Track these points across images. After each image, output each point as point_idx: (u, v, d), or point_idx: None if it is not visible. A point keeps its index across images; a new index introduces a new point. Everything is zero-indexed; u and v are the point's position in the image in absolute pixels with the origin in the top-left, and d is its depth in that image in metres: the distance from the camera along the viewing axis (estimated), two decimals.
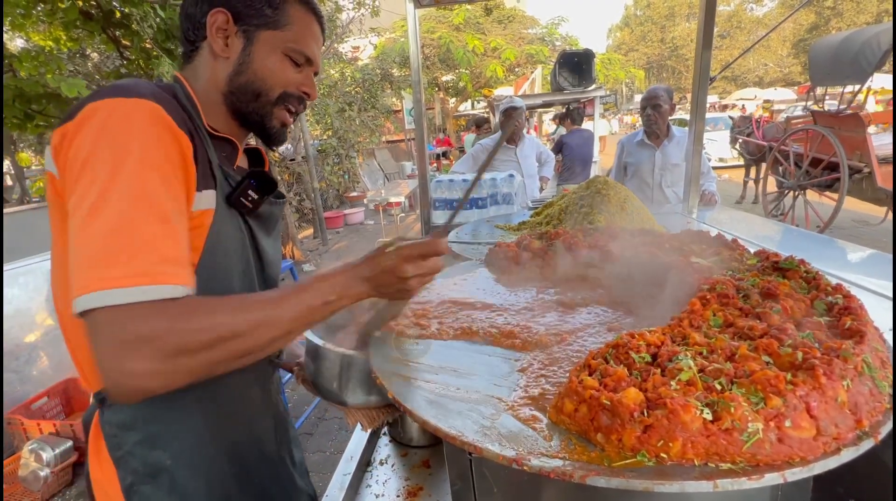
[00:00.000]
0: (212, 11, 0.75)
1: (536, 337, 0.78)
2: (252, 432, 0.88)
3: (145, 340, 0.54)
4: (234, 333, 0.59)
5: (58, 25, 4.32)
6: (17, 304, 3.23)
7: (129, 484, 0.74)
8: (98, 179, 0.58)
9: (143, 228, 0.57)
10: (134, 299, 0.54)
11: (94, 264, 0.55)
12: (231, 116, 0.81)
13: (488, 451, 0.51)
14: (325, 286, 0.66)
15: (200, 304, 0.60)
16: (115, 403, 0.56)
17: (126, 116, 0.62)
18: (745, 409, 0.46)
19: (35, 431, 2.77)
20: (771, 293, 0.68)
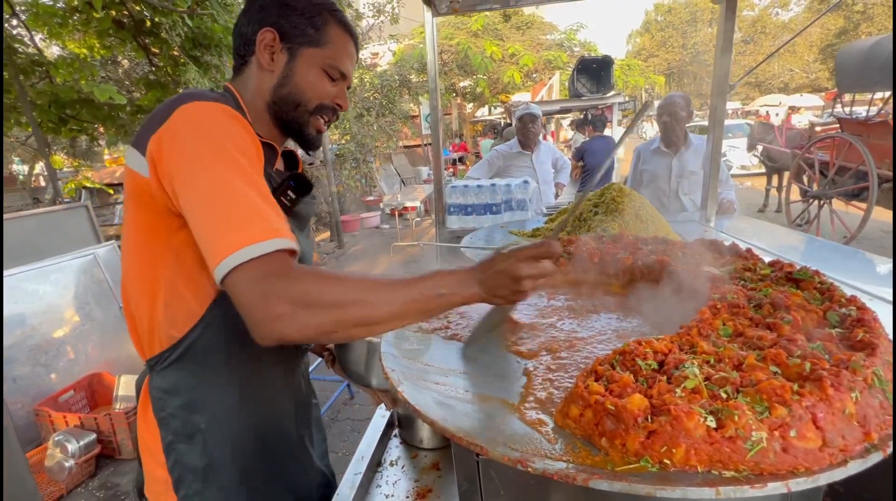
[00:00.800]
0: (262, 30, 0.84)
1: (545, 343, 0.79)
2: (275, 409, 0.96)
3: (287, 290, 0.62)
4: (359, 301, 0.65)
5: (92, 34, 4.51)
6: (48, 300, 3.37)
7: (169, 442, 0.85)
8: (205, 168, 0.68)
9: (251, 198, 0.67)
10: (268, 250, 0.63)
11: (228, 232, 0.64)
12: (273, 124, 0.90)
13: (494, 452, 0.52)
14: (438, 280, 0.70)
15: (331, 272, 0.68)
16: (262, 341, 0.64)
17: (212, 115, 0.72)
18: (750, 418, 0.46)
19: (61, 423, 2.87)
20: (782, 304, 0.67)
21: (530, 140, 3.49)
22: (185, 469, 0.85)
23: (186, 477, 0.85)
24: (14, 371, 3.02)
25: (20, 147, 10.59)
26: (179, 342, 0.82)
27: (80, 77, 4.31)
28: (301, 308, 0.63)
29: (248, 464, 0.90)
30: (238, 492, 0.89)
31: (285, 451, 0.99)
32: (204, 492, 0.86)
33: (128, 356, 3.77)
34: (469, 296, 0.71)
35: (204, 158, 0.68)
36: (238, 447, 0.88)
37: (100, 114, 4.52)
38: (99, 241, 4.10)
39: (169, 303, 0.80)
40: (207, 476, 0.86)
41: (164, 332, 0.82)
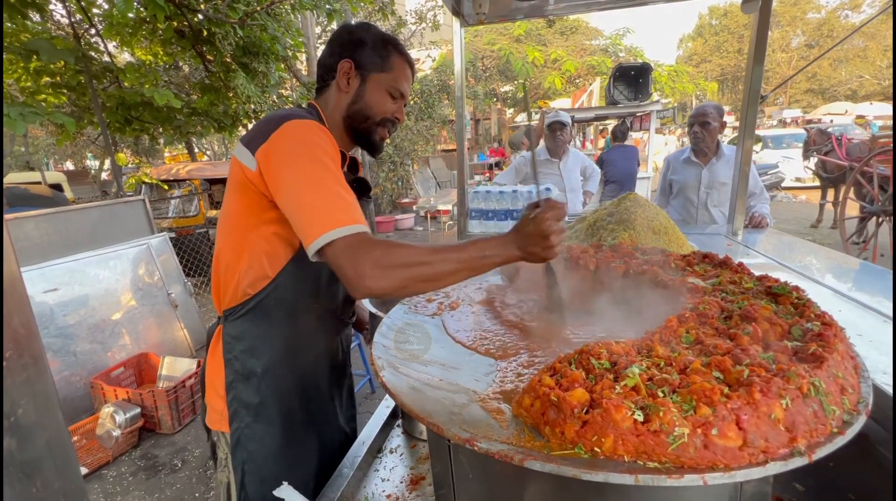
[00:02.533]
0: (342, 61, 1.06)
1: (520, 345, 0.84)
2: (315, 366, 1.17)
3: (371, 256, 0.80)
4: (424, 261, 0.82)
5: (157, 42, 4.93)
6: (106, 284, 3.71)
7: (231, 381, 1.06)
8: (304, 170, 0.87)
9: (340, 194, 0.86)
10: (353, 232, 0.82)
11: (325, 216, 0.83)
12: (346, 134, 1.12)
13: (448, 431, 0.58)
14: (483, 244, 0.85)
15: (400, 242, 0.85)
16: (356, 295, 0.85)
17: (309, 131, 0.92)
18: (675, 414, 0.50)
19: (112, 396, 3.16)
20: (749, 316, 0.69)
21: (558, 148, 3.49)
22: (241, 404, 1.06)
23: (241, 412, 1.06)
24: (75, 346, 3.36)
25: (92, 145, 11.61)
26: (252, 298, 1.03)
27: (144, 82, 4.73)
28: (381, 269, 0.80)
29: (290, 407, 1.11)
30: (279, 428, 1.09)
31: (318, 403, 1.19)
32: (254, 425, 1.06)
33: (172, 340, 4.09)
34: (508, 256, 0.85)
35: (303, 162, 0.88)
36: (283, 391, 1.09)
37: (159, 116, 4.92)
38: (153, 232, 4.47)
39: (251, 265, 1.01)
40: (258, 412, 1.06)
41: (241, 289, 1.03)
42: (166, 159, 15.01)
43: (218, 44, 4.22)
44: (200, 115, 5.17)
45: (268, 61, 4.47)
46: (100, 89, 4.77)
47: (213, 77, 4.83)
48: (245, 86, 4.13)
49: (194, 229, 5.87)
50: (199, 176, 6.61)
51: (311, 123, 0.93)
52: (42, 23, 4.74)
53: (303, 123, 0.93)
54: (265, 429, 1.08)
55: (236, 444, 1.07)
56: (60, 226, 3.87)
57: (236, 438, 1.07)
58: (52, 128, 6.90)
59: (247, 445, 1.07)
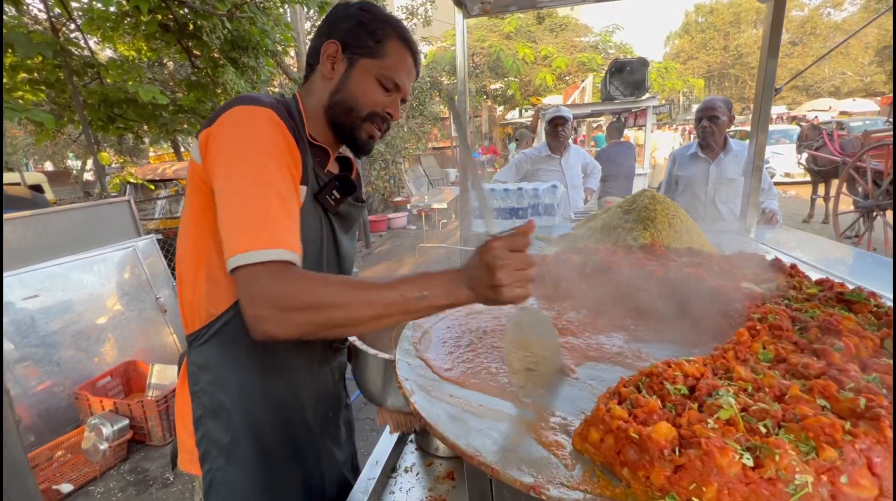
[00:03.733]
0: (327, 42, 0.91)
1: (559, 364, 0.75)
2: (297, 397, 0.99)
3: (270, 294, 0.68)
4: (336, 304, 0.69)
5: (140, 37, 4.74)
6: (91, 289, 3.54)
7: (199, 417, 0.91)
8: (235, 169, 0.74)
9: (268, 206, 0.72)
10: (265, 259, 0.69)
11: (239, 233, 0.71)
12: (328, 128, 0.96)
13: (506, 475, 0.49)
14: (424, 282, 0.71)
15: (316, 275, 0.73)
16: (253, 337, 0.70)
17: (254, 120, 0.78)
18: (793, 458, 0.41)
19: (98, 407, 3.01)
20: (832, 328, 0.61)
21: (560, 144, 3.41)
22: (211, 443, 0.91)
23: (212, 451, 0.91)
24: (58, 355, 3.20)
25: (73, 144, 11.27)
26: (216, 319, 0.88)
27: (128, 78, 4.54)
28: (281, 311, 0.68)
29: (267, 446, 0.94)
30: (257, 471, 0.93)
31: (305, 443, 1.01)
32: (226, 468, 0.92)
33: (162, 346, 3.93)
34: (456, 297, 0.70)
35: (238, 160, 0.74)
36: (259, 428, 0.93)
37: (144, 113, 4.74)
38: (139, 234, 4.29)
39: (210, 280, 0.86)
40: (231, 452, 0.91)
41: (203, 308, 0.88)
42: (151, 159, 14.65)
43: (205, 38, 4.06)
44: (187, 112, 4.99)
45: (257, 56, 4.32)
46: (80, 86, 4.57)
47: (200, 73, 4.66)
48: (235, 81, 3.98)
49: None
50: (186, 175, 6.41)
51: (261, 111, 0.78)
52: (18, 17, 4.53)
53: (251, 111, 0.78)
54: (239, 473, 0.92)
55: (209, 488, 0.92)
56: (41, 229, 3.68)
57: (208, 481, 0.92)
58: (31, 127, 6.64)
59: (220, 489, 0.92)
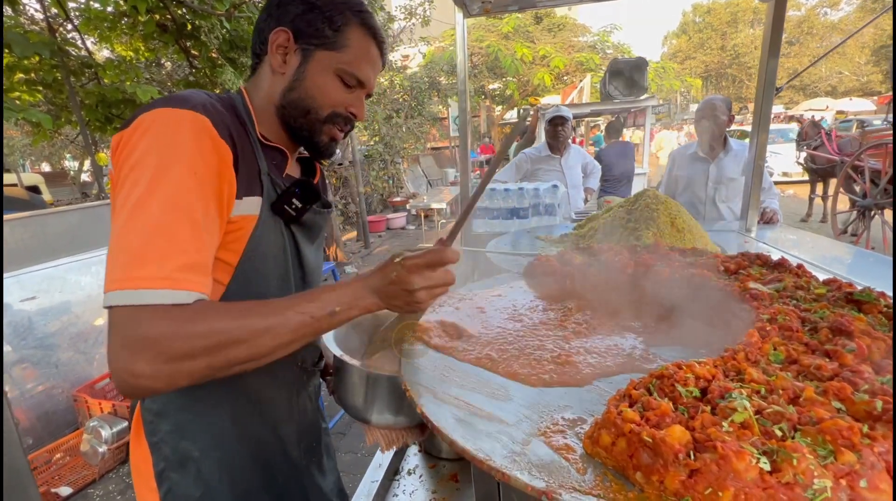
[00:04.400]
0: (275, 29, 0.78)
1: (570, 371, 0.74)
2: (276, 434, 0.89)
3: (150, 343, 0.56)
4: (234, 340, 0.60)
5: (138, 37, 4.72)
6: (89, 290, 3.53)
7: (161, 470, 0.79)
8: (140, 183, 0.61)
9: (173, 233, 0.60)
10: (153, 301, 0.57)
11: (125, 263, 0.58)
12: (282, 129, 0.84)
13: (517, 480, 0.49)
14: (331, 297, 0.67)
15: (206, 309, 0.61)
16: (124, 394, 0.58)
17: (172, 125, 0.65)
18: (811, 462, 0.41)
19: (97, 409, 2.99)
20: (843, 329, 0.61)
21: (559, 143, 3.41)
22: (179, 498, 0.80)
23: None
24: (57, 357, 3.18)
25: (70, 145, 11.22)
26: None
27: (125, 78, 4.52)
28: (168, 364, 0.56)
29: (249, 493, 0.84)
30: None
31: (289, 479, 0.92)
32: None
33: None
34: (366, 307, 0.69)
35: (145, 175, 0.61)
36: (236, 475, 0.83)
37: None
38: None
39: None
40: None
41: None
42: None
43: (203, 38, 4.03)
44: None
45: None
46: (78, 86, 4.55)
47: (199, 73, 4.63)
48: (233, 81, 3.96)
49: None
50: None
51: (185, 115, 0.65)
52: (14, 17, 4.50)
53: (172, 114, 0.65)
54: None
55: None
56: (38, 230, 3.66)
57: None
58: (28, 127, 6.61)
59: None
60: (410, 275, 0.67)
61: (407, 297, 0.68)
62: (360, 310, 0.69)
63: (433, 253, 0.69)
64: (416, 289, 0.67)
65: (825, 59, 29.39)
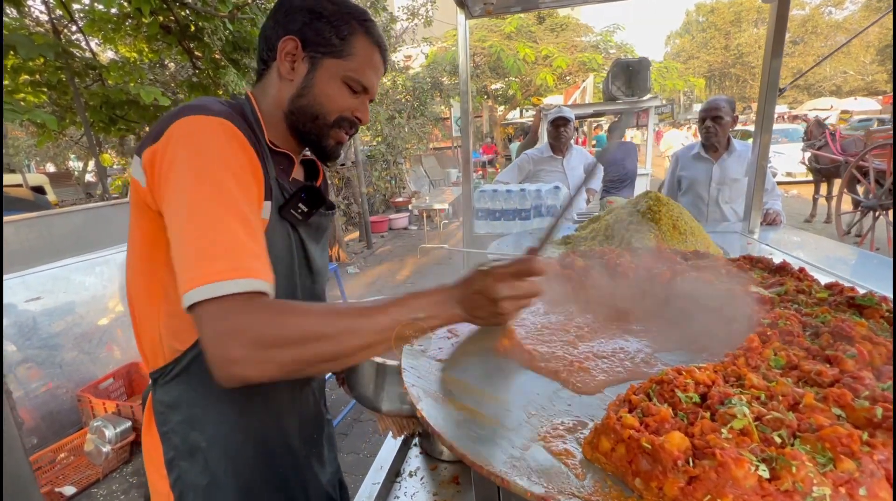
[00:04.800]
0: (284, 38, 0.81)
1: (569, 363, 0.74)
2: (280, 428, 0.92)
3: (241, 329, 0.59)
4: (321, 335, 0.62)
5: (142, 39, 4.74)
6: (93, 291, 3.55)
7: (171, 458, 0.83)
8: (187, 189, 0.65)
9: (232, 230, 0.63)
10: (231, 291, 0.60)
11: (195, 263, 0.62)
12: (290, 134, 0.88)
13: (516, 485, 0.49)
14: (415, 304, 0.67)
15: (293, 305, 0.65)
16: (223, 383, 0.61)
17: (206, 131, 0.69)
18: (810, 470, 0.41)
19: (101, 409, 3.01)
20: (844, 334, 0.61)
21: (562, 144, 3.40)
22: (187, 486, 0.83)
23: (188, 495, 0.84)
24: (61, 357, 3.20)
25: (75, 145, 11.29)
26: (183, 354, 0.79)
27: (129, 80, 4.54)
28: (258, 350, 0.59)
29: (251, 483, 0.87)
30: None
31: (290, 472, 0.95)
32: None
33: None
34: (449, 317, 0.68)
35: (190, 179, 0.65)
36: (240, 465, 0.86)
37: (146, 115, 4.74)
38: None
39: (172, 313, 0.77)
40: (210, 494, 0.84)
41: (167, 344, 0.80)
42: None
43: (207, 39, 4.05)
44: None
45: None
46: (82, 87, 4.57)
47: (202, 74, 4.65)
48: (236, 83, 3.97)
49: None
50: None
51: (214, 122, 0.69)
52: (19, 18, 4.53)
53: (202, 121, 0.69)
54: None
55: None
56: (44, 231, 3.68)
57: None
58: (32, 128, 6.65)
59: None
60: (496, 284, 0.67)
61: (491, 307, 0.67)
62: (443, 320, 0.69)
63: (521, 262, 0.68)
64: (502, 298, 0.66)
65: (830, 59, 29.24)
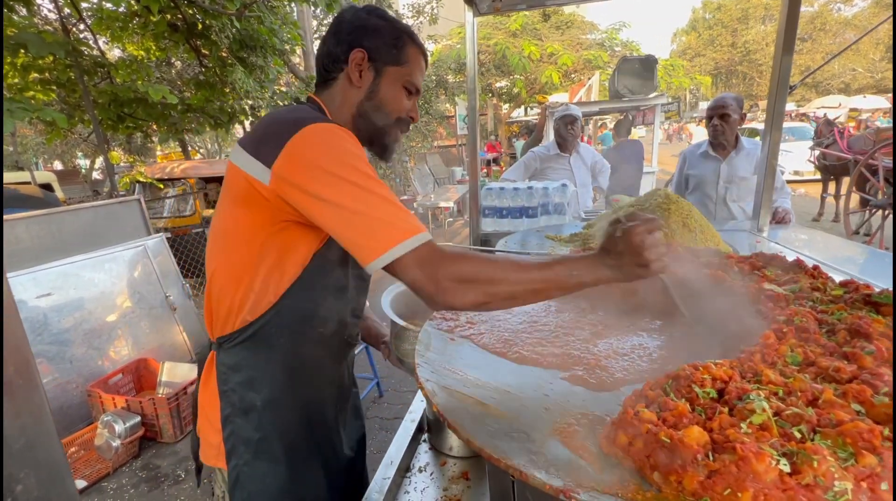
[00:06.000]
0: (354, 50, 0.94)
1: (583, 359, 0.75)
2: (321, 394, 1.05)
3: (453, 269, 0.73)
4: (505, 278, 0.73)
5: (149, 37, 4.77)
6: (102, 287, 3.58)
7: (227, 414, 0.95)
8: (345, 180, 0.77)
9: (391, 203, 0.77)
10: (419, 243, 0.74)
11: (382, 231, 0.74)
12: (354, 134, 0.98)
13: (534, 478, 0.49)
14: (570, 263, 0.76)
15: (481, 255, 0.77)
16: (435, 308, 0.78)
17: (332, 135, 0.81)
18: (832, 464, 0.41)
19: (110, 404, 3.04)
20: (862, 332, 0.60)
21: (569, 142, 3.39)
22: (239, 439, 0.95)
23: (239, 448, 0.95)
24: (71, 352, 3.24)
25: (83, 143, 11.37)
26: (251, 324, 0.91)
27: (137, 77, 4.57)
28: (462, 284, 0.73)
29: (293, 441, 0.99)
30: (282, 464, 0.98)
31: (324, 434, 1.07)
32: (253, 462, 0.96)
33: (171, 344, 3.97)
34: (598, 277, 0.75)
35: (343, 176, 0.77)
36: (286, 425, 0.97)
37: (153, 112, 4.77)
38: (149, 233, 4.33)
39: (251, 289, 0.90)
40: (259, 448, 0.95)
41: (240, 314, 0.91)
42: (158, 158, 14.74)
43: (214, 37, 4.07)
44: (196, 111, 5.02)
45: (266, 55, 4.32)
46: (91, 85, 4.61)
47: (209, 72, 4.68)
48: (244, 80, 3.99)
49: (190, 228, 5.72)
50: (194, 174, 6.43)
51: (333, 128, 0.82)
52: (28, 17, 4.57)
53: (325, 128, 0.81)
54: (267, 467, 0.97)
55: (235, 483, 0.96)
56: (53, 228, 3.72)
57: (234, 476, 0.96)
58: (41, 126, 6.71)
59: (246, 484, 0.96)
60: (637, 237, 0.73)
61: (637, 257, 0.73)
62: (594, 278, 0.75)
63: (644, 220, 0.75)
64: (646, 249, 0.72)
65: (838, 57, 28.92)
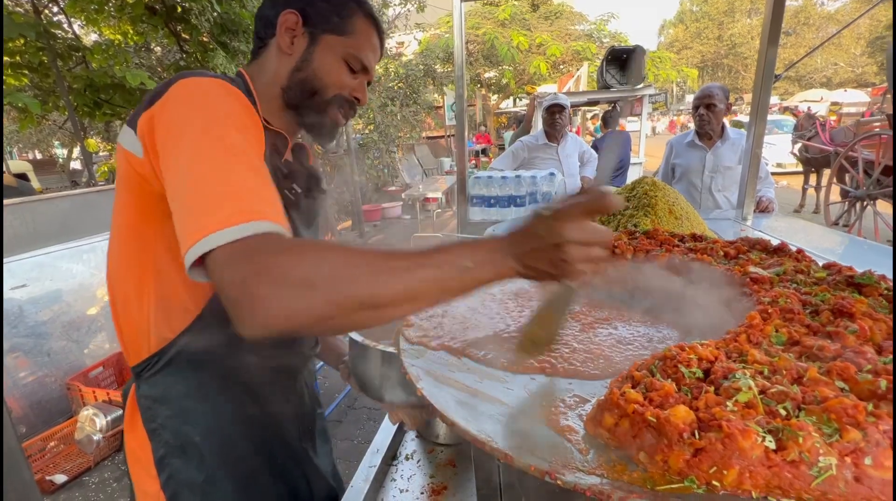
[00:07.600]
0: (284, 11, 0.81)
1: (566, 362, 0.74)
2: (276, 419, 0.90)
3: (268, 268, 0.50)
4: (358, 277, 0.52)
5: (126, 20, 4.61)
6: (81, 279, 3.49)
7: (161, 456, 0.79)
8: (190, 143, 0.60)
9: (239, 176, 0.57)
10: (245, 234, 0.52)
11: (202, 212, 0.54)
12: (285, 111, 0.85)
13: (519, 461, 0.48)
14: (463, 252, 0.55)
15: (325, 243, 0.59)
16: (247, 333, 0.51)
17: (209, 88, 0.67)
18: (816, 440, 0.40)
19: (91, 398, 2.98)
20: (845, 311, 0.61)
21: (557, 132, 3.39)
22: (181, 484, 0.79)
23: (182, 493, 0.79)
24: (49, 346, 3.15)
25: (59, 132, 11.01)
26: (171, 343, 0.75)
27: (114, 63, 4.42)
28: (286, 288, 0.49)
29: (248, 478, 0.84)
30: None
31: (288, 464, 0.93)
32: None
33: None
34: (501, 271, 0.55)
35: (192, 132, 0.60)
36: (237, 460, 0.83)
37: (132, 99, 4.63)
38: None
39: (161, 298, 0.73)
40: (205, 492, 0.80)
41: (154, 333, 0.75)
42: None
43: (194, 21, 3.94)
44: None
45: (248, 40, 4.22)
46: (65, 70, 4.44)
47: (189, 57, 4.54)
48: (225, 66, 3.88)
49: None
50: None
51: (211, 81, 0.68)
52: None
53: (200, 81, 0.67)
54: None
55: None
56: (28, 218, 3.60)
57: None
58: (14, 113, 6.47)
59: None
60: (560, 224, 0.52)
61: (553, 254, 0.53)
62: (495, 273, 0.55)
63: (593, 197, 0.53)
64: (567, 242, 0.52)
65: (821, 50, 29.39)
